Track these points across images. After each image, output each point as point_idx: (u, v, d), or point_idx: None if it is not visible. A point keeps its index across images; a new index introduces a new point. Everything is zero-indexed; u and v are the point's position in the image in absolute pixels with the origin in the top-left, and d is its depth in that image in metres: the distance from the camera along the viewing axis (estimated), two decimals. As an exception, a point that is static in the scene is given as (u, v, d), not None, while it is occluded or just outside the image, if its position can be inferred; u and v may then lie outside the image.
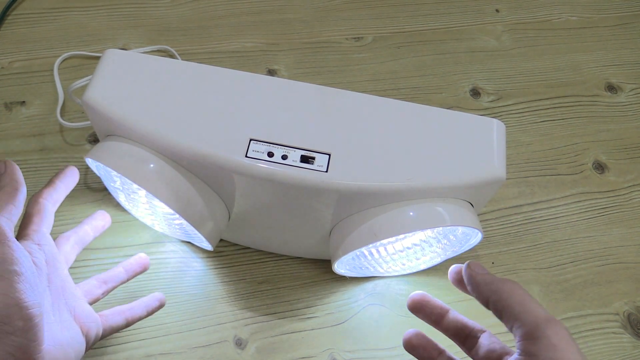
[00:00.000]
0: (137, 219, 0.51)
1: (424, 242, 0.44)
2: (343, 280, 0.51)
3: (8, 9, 0.65)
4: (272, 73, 0.64)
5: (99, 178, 0.49)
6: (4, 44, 0.62)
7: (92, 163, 0.44)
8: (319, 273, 0.51)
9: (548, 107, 0.65)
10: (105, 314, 0.40)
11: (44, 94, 0.59)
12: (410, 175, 0.38)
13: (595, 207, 0.58)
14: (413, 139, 0.40)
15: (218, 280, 0.50)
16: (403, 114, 0.41)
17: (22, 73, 0.60)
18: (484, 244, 0.54)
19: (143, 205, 0.46)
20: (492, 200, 0.57)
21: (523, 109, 0.65)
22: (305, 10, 0.70)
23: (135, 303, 0.42)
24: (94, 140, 0.56)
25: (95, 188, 0.53)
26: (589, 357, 0.49)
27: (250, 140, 0.38)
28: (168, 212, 0.43)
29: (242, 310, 0.49)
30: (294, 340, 0.48)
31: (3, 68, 0.60)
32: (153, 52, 0.63)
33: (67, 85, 0.59)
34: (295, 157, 0.38)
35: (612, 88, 0.68)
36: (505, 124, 0.43)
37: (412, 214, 0.39)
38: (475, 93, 0.65)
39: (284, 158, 0.38)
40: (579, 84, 0.67)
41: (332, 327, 0.49)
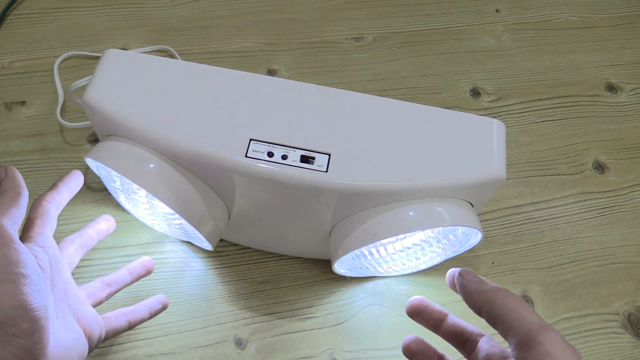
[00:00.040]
0: (137, 219, 0.51)
1: (424, 242, 0.44)
2: (343, 280, 0.51)
3: (8, 9, 0.65)
4: (272, 73, 0.64)
5: (99, 178, 0.49)
6: (4, 44, 0.62)
7: (92, 163, 0.44)
8: (319, 273, 0.51)
9: (548, 107, 0.65)
10: (108, 317, 0.40)
11: (44, 94, 0.59)
12: (411, 175, 0.38)
13: (595, 207, 0.58)
14: (413, 139, 0.40)
15: (218, 280, 0.50)
16: (403, 114, 0.41)
17: (22, 73, 0.60)
18: (484, 244, 0.54)
19: (143, 205, 0.46)
20: (492, 200, 0.57)
21: (523, 109, 0.65)
22: (305, 10, 0.70)
23: (138, 305, 0.42)
24: (94, 140, 0.56)
25: (95, 188, 0.53)
26: (589, 357, 0.49)
27: (250, 140, 0.38)
28: (168, 212, 0.43)
29: (242, 310, 0.49)
30: (294, 340, 0.48)
31: (3, 68, 0.60)
32: (153, 52, 0.63)
33: (67, 85, 0.59)
34: (295, 157, 0.38)
35: (612, 88, 0.68)
36: (505, 124, 0.43)
37: (412, 214, 0.39)
38: (475, 93, 0.65)
39: (284, 158, 0.38)
40: (579, 84, 0.67)
41: (332, 327, 0.49)
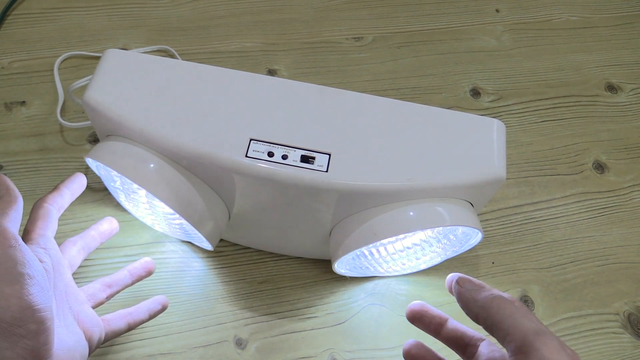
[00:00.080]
0: (137, 219, 0.51)
1: (424, 242, 0.44)
2: (343, 280, 0.51)
3: (8, 9, 0.65)
4: (272, 73, 0.64)
5: (99, 178, 0.49)
6: (4, 44, 0.62)
7: (92, 163, 0.44)
8: (319, 273, 0.51)
9: (548, 107, 0.65)
10: (108, 318, 0.40)
11: (44, 94, 0.59)
12: (411, 175, 0.38)
13: (595, 207, 0.58)
14: (413, 139, 0.40)
15: (218, 280, 0.50)
16: (403, 114, 0.41)
17: (22, 73, 0.60)
18: (484, 244, 0.54)
19: (143, 205, 0.46)
20: (492, 200, 0.57)
21: (523, 109, 0.65)
22: (305, 10, 0.70)
23: (138, 307, 0.42)
24: (94, 140, 0.56)
25: (96, 188, 0.53)
26: (589, 357, 0.49)
27: (251, 140, 0.38)
28: (168, 212, 0.43)
29: (242, 310, 0.48)
30: (294, 340, 0.48)
31: (3, 68, 0.60)
32: (153, 52, 0.63)
33: (67, 85, 0.59)
34: (296, 157, 0.38)
35: (612, 88, 0.68)
36: (506, 124, 0.43)
37: (412, 214, 0.39)
38: (475, 93, 0.65)
39: (284, 158, 0.38)
40: (579, 84, 0.67)
41: (332, 327, 0.49)
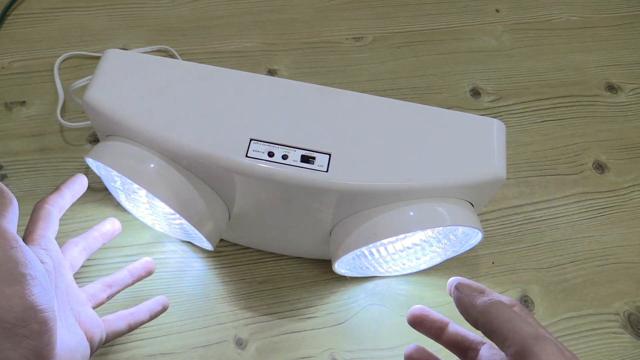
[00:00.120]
0: (137, 219, 0.51)
1: (424, 241, 0.44)
2: (343, 280, 0.51)
3: (8, 9, 0.65)
4: (272, 73, 0.64)
5: (99, 178, 0.49)
6: (4, 44, 0.62)
7: (92, 163, 0.44)
8: (319, 273, 0.51)
9: (548, 107, 0.65)
10: (109, 319, 0.40)
11: (44, 94, 0.59)
12: (411, 175, 0.38)
13: (595, 207, 0.58)
14: (413, 139, 0.40)
15: (218, 280, 0.50)
16: (403, 114, 0.41)
17: (22, 73, 0.60)
18: (484, 244, 0.54)
19: (143, 205, 0.46)
20: (492, 200, 0.57)
21: (523, 109, 0.65)
22: (305, 10, 0.70)
23: (138, 307, 0.42)
24: (94, 140, 0.56)
25: (96, 188, 0.53)
26: (589, 357, 0.49)
27: (251, 140, 0.38)
28: (168, 212, 0.43)
29: (242, 310, 0.48)
30: (294, 340, 0.48)
31: (3, 68, 0.60)
32: (153, 52, 0.63)
33: (67, 85, 0.59)
34: (296, 157, 0.38)
35: (612, 88, 0.68)
36: (506, 124, 0.43)
37: (412, 214, 0.39)
38: (475, 93, 0.65)
39: (285, 158, 0.38)
40: (579, 84, 0.67)
41: (332, 327, 0.49)
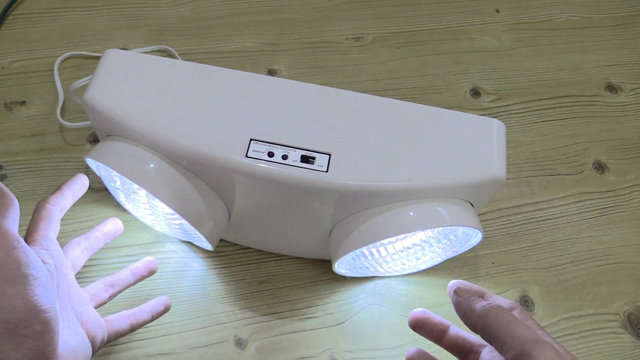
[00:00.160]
0: (137, 219, 0.51)
1: (424, 242, 0.44)
2: (343, 280, 0.51)
3: (8, 9, 0.65)
4: (272, 73, 0.64)
5: (99, 178, 0.49)
6: (4, 44, 0.62)
7: (92, 163, 0.44)
8: (319, 273, 0.51)
9: (548, 107, 0.65)
10: (111, 319, 0.40)
11: (44, 94, 0.59)
12: (410, 175, 0.38)
13: (595, 207, 0.58)
14: (413, 139, 0.40)
15: (218, 280, 0.50)
16: (403, 114, 0.41)
17: (22, 73, 0.60)
18: (484, 244, 0.54)
19: (143, 205, 0.46)
20: (492, 200, 0.57)
21: (523, 109, 0.65)
22: (305, 10, 0.70)
23: (140, 307, 0.42)
24: (94, 140, 0.56)
25: (96, 188, 0.53)
26: (589, 357, 0.49)
27: (251, 140, 0.38)
28: (168, 212, 0.43)
29: (242, 310, 0.49)
30: (294, 340, 0.48)
31: (3, 68, 0.60)
32: (153, 52, 0.63)
33: (67, 85, 0.59)
34: (296, 157, 0.38)
35: (612, 88, 0.68)
36: (506, 124, 0.43)
37: (412, 214, 0.39)
38: (475, 93, 0.65)
39: (284, 158, 0.38)
40: (579, 84, 0.67)
41: (332, 327, 0.49)
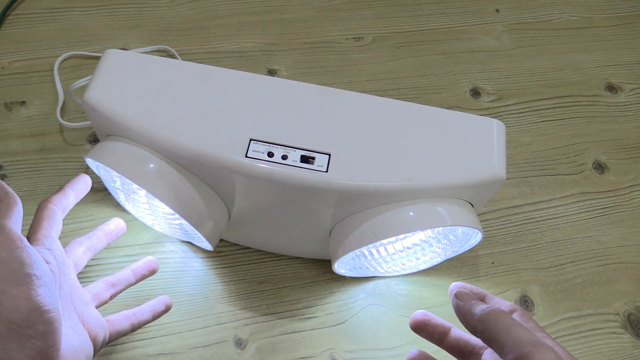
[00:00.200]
0: (137, 219, 0.51)
1: (424, 242, 0.44)
2: (343, 280, 0.51)
3: (8, 9, 0.65)
4: (272, 73, 0.64)
5: (99, 178, 0.49)
6: (4, 44, 0.62)
7: (92, 163, 0.44)
8: (319, 273, 0.51)
9: (548, 107, 0.65)
10: (112, 319, 0.40)
11: (44, 94, 0.59)
12: (410, 175, 0.38)
13: (595, 207, 0.58)
14: (413, 139, 0.40)
15: (218, 280, 0.50)
16: (403, 114, 0.41)
17: (22, 73, 0.60)
18: (484, 244, 0.54)
19: (143, 205, 0.46)
20: (492, 200, 0.57)
21: (523, 109, 0.65)
22: (305, 10, 0.70)
23: (141, 307, 0.42)
24: (94, 140, 0.56)
25: (96, 188, 0.53)
26: (589, 357, 0.49)
27: (250, 140, 0.38)
28: (168, 212, 0.43)
29: (242, 310, 0.49)
30: (294, 340, 0.48)
31: (3, 68, 0.60)
32: (153, 52, 0.63)
33: (67, 85, 0.59)
34: (295, 157, 0.38)
35: (612, 88, 0.68)
36: (506, 124, 0.43)
37: (412, 214, 0.39)
38: (475, 93, 0.65)
39: (284, 158, 0.38)
40: (579, 84, 0.67)
41: (332, 327, 0.49)
